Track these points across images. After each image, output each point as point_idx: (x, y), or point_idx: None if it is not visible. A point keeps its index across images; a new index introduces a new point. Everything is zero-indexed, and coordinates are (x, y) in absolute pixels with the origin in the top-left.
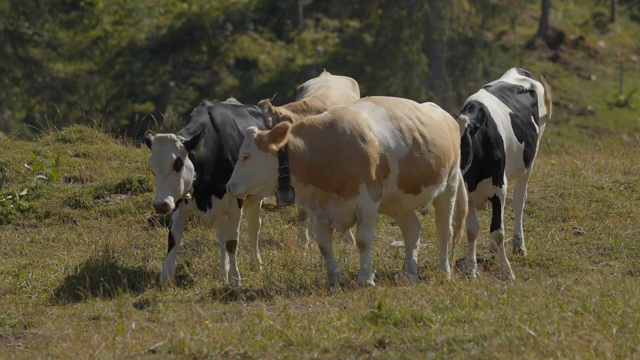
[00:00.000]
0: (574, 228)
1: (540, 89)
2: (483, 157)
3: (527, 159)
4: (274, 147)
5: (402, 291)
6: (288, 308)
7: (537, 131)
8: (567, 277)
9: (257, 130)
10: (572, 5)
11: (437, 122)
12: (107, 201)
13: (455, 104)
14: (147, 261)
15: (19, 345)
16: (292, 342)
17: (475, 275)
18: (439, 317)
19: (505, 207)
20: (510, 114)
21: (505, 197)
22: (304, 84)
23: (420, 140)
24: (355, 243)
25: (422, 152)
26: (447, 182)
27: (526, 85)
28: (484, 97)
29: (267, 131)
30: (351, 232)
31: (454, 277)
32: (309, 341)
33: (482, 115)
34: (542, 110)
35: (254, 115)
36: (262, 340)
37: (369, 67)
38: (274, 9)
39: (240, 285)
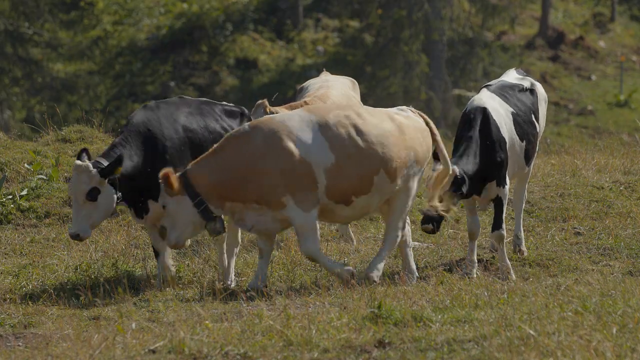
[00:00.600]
0: (574, 228)
1: (539, 87)
2: (486, 161)
3: (528, 157)
4: (175, 189)
5: (402, 291)
6: (288, 308)
7: (538, 129)
8: (567, 277)
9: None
10: (572, 5)
11: (381, 131)
12: None
13: (456, 104)
14: (147, 261)
15: (19, 345)
16: (292, 342)
17: (475, 275)
18: (439, 317)
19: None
20: (512, 113)
21: (507, 197)
22: (304, 84)
23: (351, 149)
24: (355, 242)
25: (353, 161)
26: (397, 187)
27: (526, 84)
28: (486, 98)
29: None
30: (351, 232)
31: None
32: (309, 341)
33: (463, 180)
34: (543, 109)
35: (231, 115)
36: (262, 340)
37: (369, 67)
38: (274, 9)
39: (231, 283)
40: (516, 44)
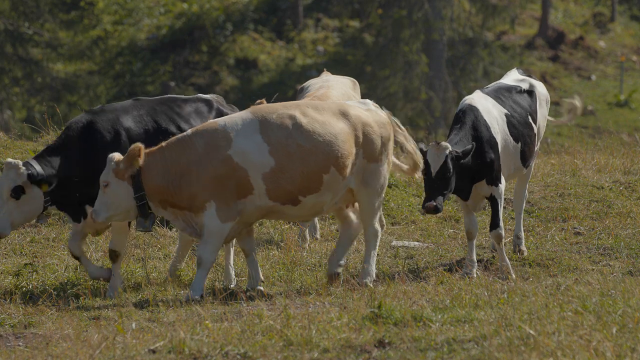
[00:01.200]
0: (574, 228)
1: (540, 88)
2: (475, 160)
3: (524, 159)
4: (129, 174)
5: (402, 291)
6: (288, 308)
7: (536, 131)
8: (567, 277)
9: (116, 158)
10: (572, 5)
11: (329, 128)
12: None
13: (455, 104)
14: (147, 261)
15: (19, 345)
16: (292, 342)
17: (475, 275)
18: (439, 317)
19: (505, 207)
20: (506, 115)
21: (503, 197)
22: (304, 84)
23: (294, 150)
24: (355, 243)
25: (296, 162)
26: (352, 184)
27: (524, 86)
28: (478, 98)
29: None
30: None
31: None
32: (309, 341)
33: (471, 148)
34: (543, 111)
35: (196, 111)
36: (262, 340)
37: (369, 67)
38: (274, 9)
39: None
40: (516, 44)
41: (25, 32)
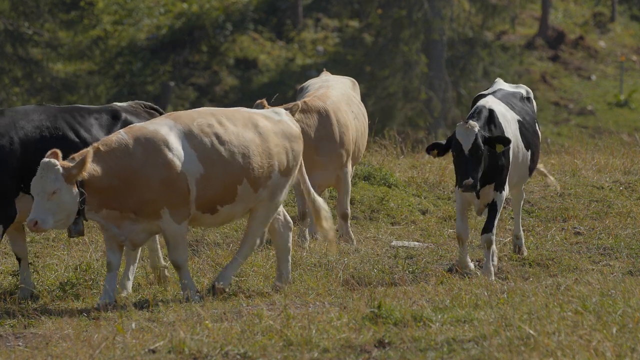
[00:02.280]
0: (574, 228)
1: (532, 95)
2: (488, 163)
3: (531, 167)
4: (81, 177)
5: (402, 291)
6: (288, 308)
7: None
8: (567, 277)
9: (59, 163)
10: (572, 5)
11: (242, 140)
12: None
13: (455, 104)
14: (147, 261)
15: (19, 345)
16: (292, 342)
17: (476, 275)
18: (439, 317)
19: (504, 207)
20: (519, 121)
21: (502, 204)
22: (304, 84)
23: (215, 159)
24: (355, 242)
25: (217, 171)
26: (263, 197)
27: (524, 92)
28: (492, 101)
29: (70, 163)
30: (351, 232)
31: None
32: (309, 341)
33: (490, 119)
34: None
35: (100, 122)
36: (262, 340)
37: (369, 67)
38: (274, 8)
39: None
40: (516, 44)
41: (25, 32)
